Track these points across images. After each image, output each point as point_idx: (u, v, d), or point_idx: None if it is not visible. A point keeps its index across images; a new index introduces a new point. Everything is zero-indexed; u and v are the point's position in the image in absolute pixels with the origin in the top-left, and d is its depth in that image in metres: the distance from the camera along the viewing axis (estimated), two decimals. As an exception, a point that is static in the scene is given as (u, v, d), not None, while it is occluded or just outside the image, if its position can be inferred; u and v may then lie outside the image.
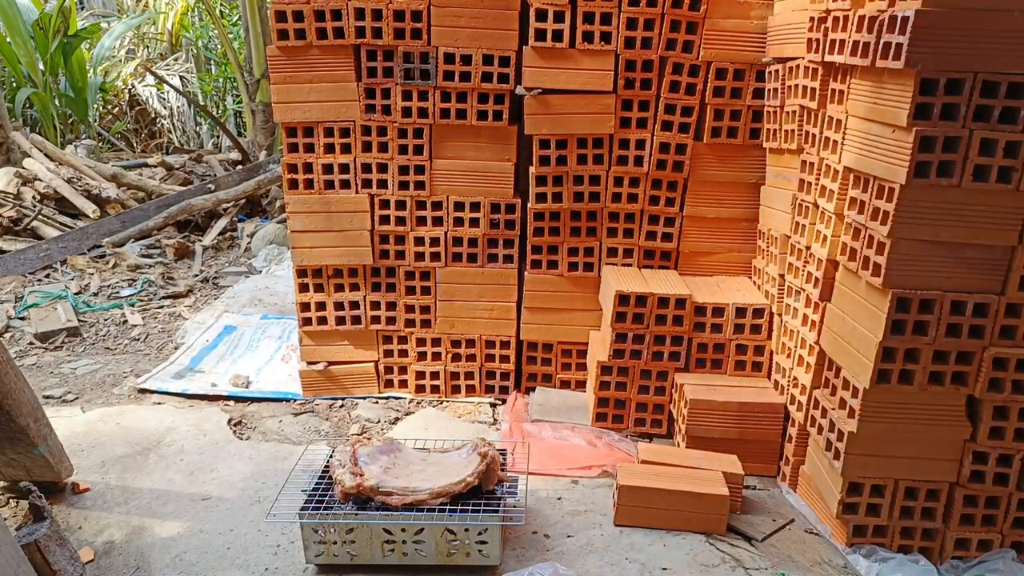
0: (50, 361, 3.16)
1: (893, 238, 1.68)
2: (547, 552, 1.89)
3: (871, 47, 1.70)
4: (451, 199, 2.56)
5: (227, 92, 9.16)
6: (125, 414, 2.64)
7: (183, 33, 9.27)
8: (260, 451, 2.39)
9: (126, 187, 5.54)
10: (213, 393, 2.81)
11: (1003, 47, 1.55)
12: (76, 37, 7.09)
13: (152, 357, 3.20)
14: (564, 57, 2.38)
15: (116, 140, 8.31)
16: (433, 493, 1.76)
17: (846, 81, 1.88)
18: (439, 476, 1.82)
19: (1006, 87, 1.57)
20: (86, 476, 2.23)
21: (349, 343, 2.74)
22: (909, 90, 1.60)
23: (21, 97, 6.84)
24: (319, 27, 2.41)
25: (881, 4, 1.68)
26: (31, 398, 1.91)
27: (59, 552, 1.65)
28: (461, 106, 2.45)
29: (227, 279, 4.28)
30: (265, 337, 3.31)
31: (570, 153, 2.47)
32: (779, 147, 2.30)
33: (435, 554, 1.77)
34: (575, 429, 2.47)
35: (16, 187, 4.97)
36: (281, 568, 1.84)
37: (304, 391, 2.78)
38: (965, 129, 1.60)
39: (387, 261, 2.65)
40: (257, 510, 2.06)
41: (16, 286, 4.03)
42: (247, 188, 5.36)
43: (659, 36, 2.36)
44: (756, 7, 2.35)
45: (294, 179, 2.56)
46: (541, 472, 2.21)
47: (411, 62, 2.42)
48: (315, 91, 2.46)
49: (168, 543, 1.94)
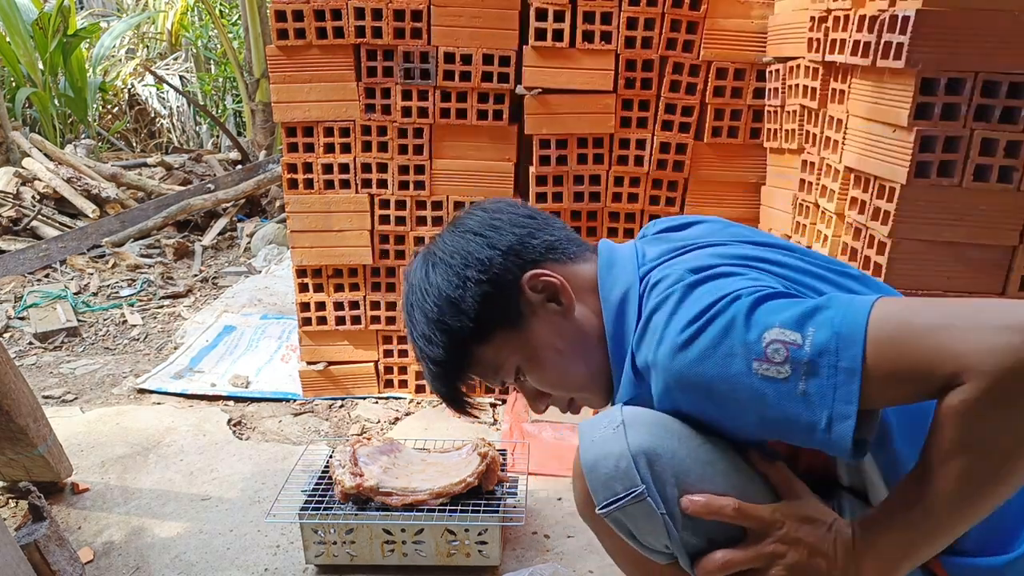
0: (50, 361, 3.16)
1: (894, 238, 1.68)
2: (547, 552, 1.89)
3: (872, 47, 1.69)
4: (451, 199, 2.56)
5: (227, 92, 9.16)
6: (125, 414, 2.63)
7: (183, 33, 9.28)
8: (260, 451, 2.39)
9: (126, 187, 5.54)
10: (213, 393, 2.81)
11: (1004, 47, 1.55)
12: (76, 37, 7.09)
13: (152, 357, 3.20)
14: (564, 57, 2.38)
15: (116, 140, 8.31)
16: (433, 493, 1.76)
17: (847, 81, 1.88)
18: (439, 476, 1.82)
19: (1007, 87, 1.57)
20: (86, 476, 2.23)
21: (349, 343, 2.74)
22: (910, 90, 1.59)
23: (21, 97, 6.84)
24: (319, 27, 2.40)
25: (882, 4, 1.68)
26: (31, 398, 1.91)
27: (58, 552, 1.64)
28: (461, 106, 2.45)
29: (227, 279, 4.28)
30: (265, 337, 3.31)
31: (570, 153, 2.47)
32: (780, 147, 2.29)
33: (435, 554, 1.77)
34: (575, 429, 2.46)
35: (16, 187, 4.97)
36: (281, 568, 1.83)
37: (304, 391, 2.78)
38: (966, 129, 1.60)
39: (387, 261, 2.65)
40: (257, 510, 2.06)
41: (16, 286, 4.03)
42: (247, 188, 5.36)
43: (659, 36, 2.36)
44: (756, 7, 2.35)
45: (294, 179, 2.55)
46: (541, 472, 2.21)
47: (411, 62, 2.41)
48: (315, 91, 2.46)
49: (168, 543, 1.94)
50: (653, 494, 1.01)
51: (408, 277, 1.18)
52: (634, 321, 1.06)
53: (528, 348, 1.14)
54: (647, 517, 1.02)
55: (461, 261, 1.11)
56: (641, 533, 1.04)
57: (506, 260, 1.11)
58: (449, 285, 1.11)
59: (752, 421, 0.94)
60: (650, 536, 1.04)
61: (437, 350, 1.13)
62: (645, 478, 1.01)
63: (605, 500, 1.03)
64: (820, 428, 0.87)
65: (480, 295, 1.10)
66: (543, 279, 1.11)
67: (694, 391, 0.95)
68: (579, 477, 1.10)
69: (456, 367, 1.15)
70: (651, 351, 0.98)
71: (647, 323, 1.00)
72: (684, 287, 0.98)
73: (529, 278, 1.11)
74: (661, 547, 1.05)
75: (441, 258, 1.13)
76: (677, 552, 1.04)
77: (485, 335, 1.12)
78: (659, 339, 0.96)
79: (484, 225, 1.15)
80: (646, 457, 1.02)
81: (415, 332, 1.16)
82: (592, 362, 1.15)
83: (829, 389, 0.85)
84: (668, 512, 1.01)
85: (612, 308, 1.10)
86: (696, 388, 0.94)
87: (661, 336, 0.96)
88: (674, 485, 1.01)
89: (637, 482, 1.01)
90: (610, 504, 1.03)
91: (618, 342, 1.10)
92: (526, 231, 1.15)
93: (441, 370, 1.15)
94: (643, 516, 1.02)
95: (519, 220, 1.16)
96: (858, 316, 0.86)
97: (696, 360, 0.92)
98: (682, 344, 0.93)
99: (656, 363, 0.97)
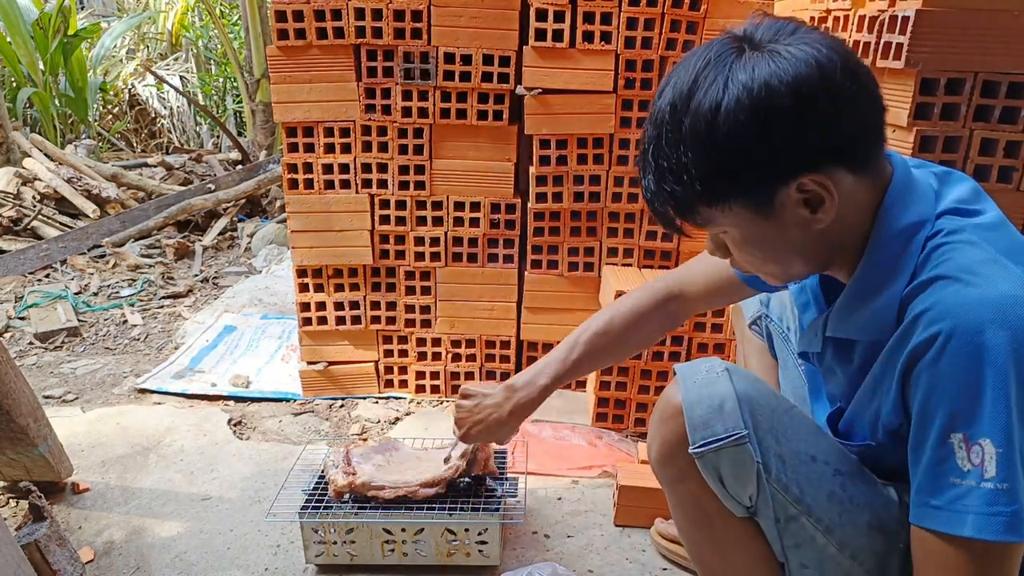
0: (50, 361, 3.16)
1: (893, 238, 1.68)
2: (547, 552, 1.89)
3: (871, 47, 1.70)
4: (451, 199, 2.56)
5: (227, 92, 9.16)
6: (125, 414, 2.64)
7: (183, 33, 9.27)
8: (260, 451, 2.39)
9: (126, 187, 5.54)
10: (213, 393, 2.81)
11: (1003, 47, 1.55)
12: (76, 37, 7.09)
13: (152, 357, 3.20)
14: (564, 57, 2.38)
15: (116, 140, 8.31)
16: (424, 482, 1.76)
17: (846, 81, 1.88)
18: (433, 470, 1.83)
19: (1007, 87, 1.57)
20: (86, 476, 2.23)
21: (349, 343, 2.74)
22: (909, 90, 1.60)
23: (21, 97, 6.83)
24: (319, 27, 2.41)
25: (881, 4, 1.68)
26: (31, 398, 1.91)
27: (59, 552, 1.65)
28: (461, 106, 2.45)
29: (227, 279, 4.28)
30: (265, 337, 3.31)
31: (570, 153, 2.47)
32: (779, 147, 2.29)
33: (435, 554, 1.77)
34: (575, 429, 2.47)
35: (16, 187, 4.98)
36: (281, 568, 1.84)
37: (304, 391, 2.78)
38: (965, 129, 1.60)
39: (387, 261, 2.65)
40: (257, 510, 2.06)
41: (16, 286, 4.03)
42: (247, 188, 5.36)
43: (659, 36, 2.36)
44: (756, 7, 2.35)
45: (294, 179, 2.56)
46: (541, 472, 2.21)
47: (411, 62, 2.42)
48: (315, 91, 2.46)
49: (168, 543, 1.94)
50: (753, 441, 1.02)
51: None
52: (915, 257, 0.95)
53: (752, 233, 0.98)
54: (741, 463, 1.03)
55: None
56: (729, 480, 1.05)
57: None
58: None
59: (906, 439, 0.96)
60: (738, 485, 1.05)
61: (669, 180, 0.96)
62: (748, 423, 1.02)
63: (704, 439, 1.04)
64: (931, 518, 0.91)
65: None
66: (812, 186, 0.92)
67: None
68: (672, 417, 1.09)
69: (673, 201, 0.98)
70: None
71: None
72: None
73: (800, 183, 0.92)
74: (745, 498, 1.07)
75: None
76: (761, 504, 1.05)
77: (716, 200, 0.95)
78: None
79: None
80: (750, 405, 1.03)
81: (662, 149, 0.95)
82: (811, 263, 1.02)
83: (988, 515, 0.86)
84: (763, 463, 1.02)
85: (893, 235, 0.96)
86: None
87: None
88: (773, 438, 1.03)
89: (740, 425, 1.02)
90: (708, 443, 1.03)
91: (876, 267, 0.98)
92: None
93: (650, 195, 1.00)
94: (737, 462, 1.03)
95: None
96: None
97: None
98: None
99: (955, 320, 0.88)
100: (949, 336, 0.87)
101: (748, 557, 1.14)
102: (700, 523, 1.17)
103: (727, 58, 0.93)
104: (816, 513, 1.05)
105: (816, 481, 1.05)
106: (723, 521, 1.12)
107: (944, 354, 0.87)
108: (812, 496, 1.05)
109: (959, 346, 0.86)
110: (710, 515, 1.13)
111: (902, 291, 0.96)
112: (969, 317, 0.86)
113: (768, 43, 0.93)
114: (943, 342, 0.87)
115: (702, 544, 1.20)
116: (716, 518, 1.13)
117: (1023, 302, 0.85)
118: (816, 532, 1.06)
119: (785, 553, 1.10)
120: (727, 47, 0.95)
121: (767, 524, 1.08)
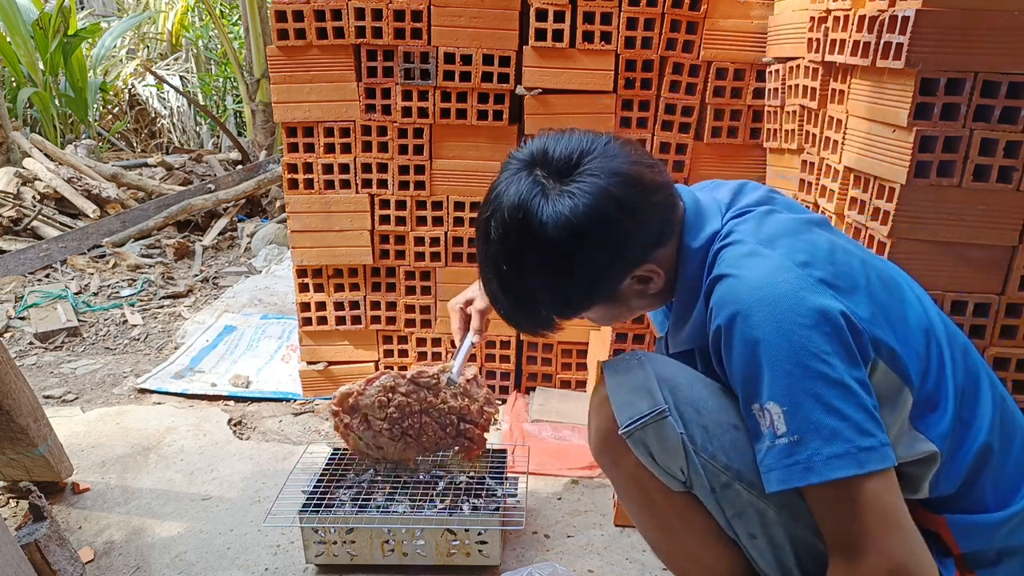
0: (50, 361, 3.16)
1: (893, 238, 1.68)
2: (547, 552, 1.89)
3: (871, 47, 1.69)
4: (451, 199, 2.56)
5: (227, 92, 9.16)
6: (125, 414, 2.64)
7: (183, 33, 9.28)
8: (260, 451, 2.39)
9: (126, 187, 5.54)
10: (213, 393, 2.81)
11: (1003, 47, 1.55)
12: (76, 37, 7.08)
13: (152, 357, 3.20)
14: (564, 57, 2.38)
15: (116, 140, 8.31)
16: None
17: (846, 81, 1.88)
18: None
19: (1006, 87, 1.57)
20: (86, 476, 2.23)
21: (349, 343, 2.74)
22: (909, 90, 1.60)
23: (21, 97, 6.83)
24: (319, 27, 2.41)
25: (881, 4, 1.68)
26: (31, 398, 1.92)
27: (59, 552, 1.65)
28: (461, 106, 2.45)
29: (227, 279, 4.28)
30: (265, 337, 3.32)
31: (570, 153, 2.46)
32: (779, 147, 2.29)
33: (435, 554, 1.77)
34: (575, 429, 2.47)
35: (16, 187, 4.98)
36: (281, 568, 1.84)
37: (304, 391, 2.78)
38: (965, 129, 1.60)
39: (387, 261, 2.65)
40: (257, 510, 2.06)
41: (16, 286, 4.03)
42: (247, 188, 5.36)
43: (659, 36, 2.36)
44: (756, 7, 2.35)
45: (294, 179, 2.56)
46: (541, 472, 2.21)
47: (411, 62, 2.42)
48: (315, 91, 2.46)
49: (168, 543, 1.94)
50: (674, 414, 1.12)
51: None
52: (708, 266, 1.13)
53: (604, 313, 1.21)
54: (666, 437, 1.13)
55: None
56: (659, 455, 1.14)
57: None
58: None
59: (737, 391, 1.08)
60: (668, 458, 1.14)
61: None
62: (667, 399, 1.13)
63: (630, 419, 1.14)
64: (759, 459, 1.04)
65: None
66: (642, 273, 1.15)
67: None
68: (602, 405, 1.22)
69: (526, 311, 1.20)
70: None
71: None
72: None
73: (633, 276, 1.14)
74: (678, 471, 1.15)
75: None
76: (693, 474, 1.14)
77: (573, 315, 1.20)
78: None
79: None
80: (668, 384, 1.14)
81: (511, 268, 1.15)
82: (655, 307, 1.27)
83: (787, 466, 1.00)
84: (688, 434, 1.12)
85: (690, 256, 1.15)
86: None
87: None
88: (694, 410, 1.13)
89: (660, 401, 1.13)
90: (634, 422, 1.13)
91: (685, 287, 1.17)
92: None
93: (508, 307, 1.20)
94: (663, 436, 1.13)
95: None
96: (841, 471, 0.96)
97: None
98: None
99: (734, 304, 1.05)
100: (728, 326, 1.03)
101: (696, 533, 1.21)
102: (643, 504, 1.25)
103: (537, 200, 1.07)
104: (747, 478, 1.11)
105: (742, 448, 1.11)
106: (664, 497, 1.20)
107: (729, 341, 1.03)
108: (740, 462, 1.11)
109: (734, 332, 1.01)
110: (651, 493, 1.21)
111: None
112: (738, 306, 1.01)
113: (567, 179, 1.07)
114: (726, 332, 1.03)
115: (650, 527, 1.29)
116: (657, 495, 1.20)
117: (776, 282, 1.00)
118: (752, 497, 1.12)
119: (732, 526, 1.16)
120: (533, 187, 1.08)
121: (705, 495, 1.15)
